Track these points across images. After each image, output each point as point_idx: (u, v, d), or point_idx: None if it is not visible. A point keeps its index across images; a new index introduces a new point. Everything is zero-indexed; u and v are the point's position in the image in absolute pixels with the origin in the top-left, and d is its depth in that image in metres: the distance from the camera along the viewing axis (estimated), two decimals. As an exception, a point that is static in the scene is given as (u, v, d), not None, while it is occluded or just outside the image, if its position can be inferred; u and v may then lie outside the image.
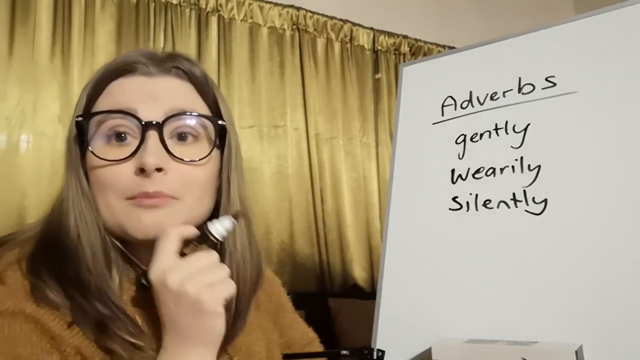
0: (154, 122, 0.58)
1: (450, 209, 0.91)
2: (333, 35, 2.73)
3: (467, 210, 0.89)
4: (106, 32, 2.16)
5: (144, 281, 0.56)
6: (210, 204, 0.64)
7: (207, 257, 0.56)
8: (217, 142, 0.63)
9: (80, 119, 0.59)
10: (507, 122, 0.90)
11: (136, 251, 0.61)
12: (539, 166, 0.85)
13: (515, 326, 0.78)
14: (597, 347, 0.71)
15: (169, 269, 0.54)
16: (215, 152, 0.63)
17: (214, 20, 2.40)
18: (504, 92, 0.92)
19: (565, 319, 0.75)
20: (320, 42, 2.69)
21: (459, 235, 0.88)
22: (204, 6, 2.38)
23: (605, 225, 0.77)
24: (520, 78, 0.92)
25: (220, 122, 0.63)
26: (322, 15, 2.69)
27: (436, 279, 0.88)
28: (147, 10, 2.25)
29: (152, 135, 0.58)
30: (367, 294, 2.44)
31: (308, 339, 0.83)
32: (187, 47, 2.30)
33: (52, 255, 0.56)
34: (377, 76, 2.85)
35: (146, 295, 0.57)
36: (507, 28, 1.20)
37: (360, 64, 2.81)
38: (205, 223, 0.59)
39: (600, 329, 0.72)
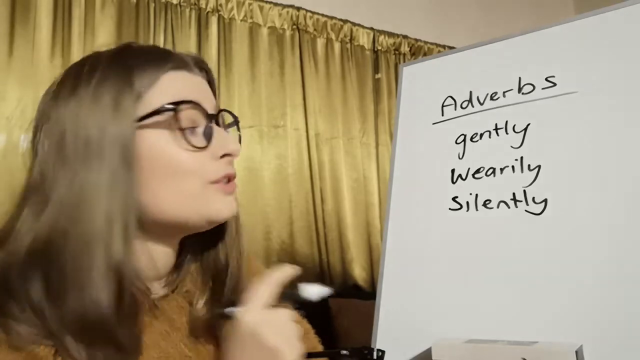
0: (215, 114, 0.62)
1: (450, 209, 0.91)
2: (333, 35, 2.73)
3: (467, 210, 0.89)
4: (106, 32, 2.16)
5: (228, 312, 0.59)
6: None
7: (291, 313, 0.60)
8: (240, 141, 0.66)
9: (170, 106, 0.57)
10: (507, 122, 0.90)
11: (158, 244, 0.62)
12: (539, 166, 0.85)
13: (515, 326, 0.78)
14: (597, 347, 0.71)
15: (264, 319, 0.57)
16: None
17: (214, 20, 2.40)
18: (504, 92, 0.92)
19: (565, 319, 0.75)
20: (320, 42, 2.69)
21: (459, 235, 0.88)
22: (204, 6, 2.38)
23: (605, 224, 0.77)
24: (520, 78, 0.92)
25: (240, 124, 0.68)
26: (322, 15, 2.69)
27: (436, 279, 0.88)
28: (147, 10, 2.25)
29: (216, 127, 0.61)
30: (367, 294, 2.44)
31: (303, 330, 0.83)
32: (187, 47, 2.29)
33: (53, 273, 0.52)
34: (377, 76, 2.85)
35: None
36: (507, 28, 1.20)
37: (360, 64, 2.80)
38: (298, 284, 0.63)
39: (600, 329, 0.72)
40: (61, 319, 0.50)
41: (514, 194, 0.85)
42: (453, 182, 0.92)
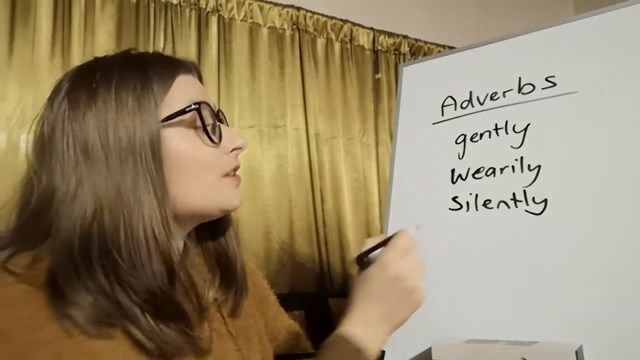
0: (218, 113, 0.68)
1: (450, 209, 0.91)
2: (333, 35, 2.73)
3: (467, 210, 0.89)
4: (106, 32, 2.16)
5: (372, 256, 0.68)
6: None
7: (419, 256, 0.69)
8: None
9: (195, 106, 0.63)
10: (507, 122, 0.90)
11: (181, 234, 0.68)
12: (539, 166, 0.85)
13: (515, 326, 0.78)
14: (597, 347, 0.71)
15: (407, 263, 0.66)
16: None
17: (214, 20, 2.40)
18: (504, 92, 0.92)
19: (565, 319, 0.75)
20: (320, 42, 2.69)
21: (458, 235, 0.88)
22: (204, 6, 2.38)
23: (605, 225, 0.77)
24: (520, 78, 0.92)
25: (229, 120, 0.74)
26: (322, 15, 2.69)
27: (436, 279, 0.88)
28: (147, 10, 2.24)
29: (220, 123, 0.68)
30: (367, 294, 2.44)
31: (294, 332, 0.84)
32: (187, 47, 2.29)
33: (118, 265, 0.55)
34: (377, 76, 2.85)
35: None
36: (507, 28, 1.20)
37: (360, 64, 2.80)
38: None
39: (600, 329, 0.72)
40: (131, 298, 0.54)
41: (514, 194, 0.85)
42: (453, 182, 0.92)
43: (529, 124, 0.88)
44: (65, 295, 0.51)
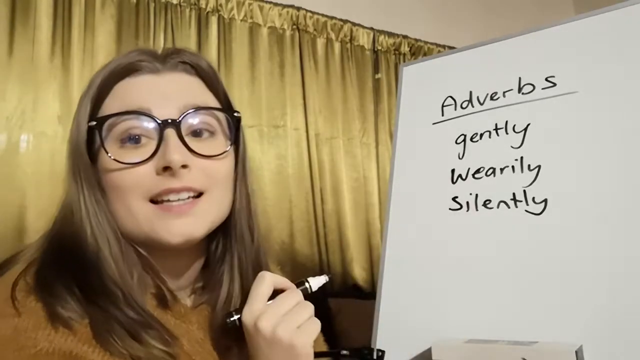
0: (170, 120, 0.56)
1: (450, 209, 0.90)
2: (333, 35, 2.73)
3: (467, 210, 0.89)
4: (106, 32, 2.16)
5: (229, 321, 0.57)
6: (231, 199, 0.63)
7: (294, 298, 0.59)
8: (234, 135, 0.62)
9: (93, 123, 0.57)
10: (507, 122, 0.90)
11: (157, 259, 0.60)
12: (539, 166, 0.85)
13: (515, 326, 0.78)
14: (597, 347, 0.71)
15: (261, 314, 0.55)
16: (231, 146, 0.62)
17: (214, 20, 2.40)
18: (504, 92, 0.92)
19: (565, 319, 0.75)
20: (320, 42, 2.69)
21: (459, 235, 0.88)
22: (204, 6, 2.38)
23: (605, 225, 0.77)
24: (520, 78, 0.91)
25: (236, 114, 0.62)
26: (322, 15, 2.69)
27: (436, 279, 0.88)
28: (147, 10, 2.25)
29: (170, 133, 0.56)
30: (367, 294, 2.44)
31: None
32: (187, 47, 2.30)
33: (72, 269, 0.54)
34: (377, 76, 2.85)
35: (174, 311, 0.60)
36: (507, 28, 1.20)
37: (360, 64, 2.80)
38: (305, 278, 0.64)
39: (600, 329, 0.72)
40: (93, 304, 0.52)
41: (514, 194, 0.85)
42: (453, 182, 0.92)
43: (529, 124, 0.88)
44: (53, 296, 0.51)
